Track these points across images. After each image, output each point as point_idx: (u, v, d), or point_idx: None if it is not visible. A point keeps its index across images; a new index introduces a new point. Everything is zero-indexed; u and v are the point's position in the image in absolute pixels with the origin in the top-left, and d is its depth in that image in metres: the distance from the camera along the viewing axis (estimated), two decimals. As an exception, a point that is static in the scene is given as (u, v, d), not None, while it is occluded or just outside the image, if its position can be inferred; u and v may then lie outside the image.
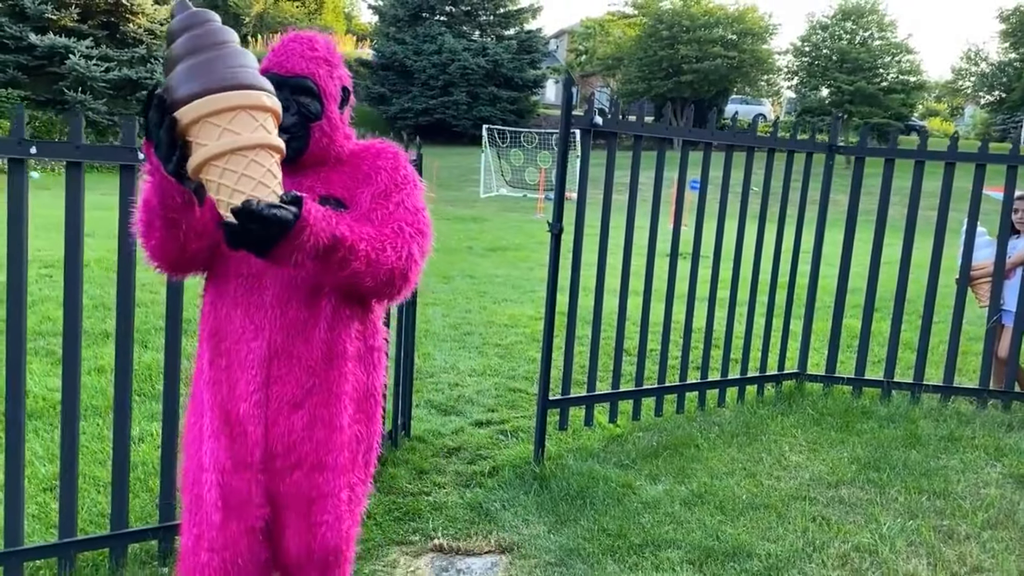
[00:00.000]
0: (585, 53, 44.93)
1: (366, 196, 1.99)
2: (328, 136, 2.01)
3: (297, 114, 1.96)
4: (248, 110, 1.61)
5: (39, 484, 3.72)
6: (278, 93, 1.82)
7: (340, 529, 2.06)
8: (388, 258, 1.86)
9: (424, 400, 5.21)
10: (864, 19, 36.12)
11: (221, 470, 1.99)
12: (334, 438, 2.01)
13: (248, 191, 1.61)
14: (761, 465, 4.21)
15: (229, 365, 1.98)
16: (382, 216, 1.95)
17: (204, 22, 1.67)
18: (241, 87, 1.60)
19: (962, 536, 3.48)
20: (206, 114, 1.58)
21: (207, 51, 1.62)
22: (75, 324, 2.93)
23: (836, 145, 5.25)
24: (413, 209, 1.99)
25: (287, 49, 2.01)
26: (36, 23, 22.84)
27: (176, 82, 1.61)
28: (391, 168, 2.03)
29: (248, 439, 1.98)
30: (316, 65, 2.00)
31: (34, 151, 2.77)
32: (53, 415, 4.50)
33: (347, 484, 2.06)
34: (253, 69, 1.66)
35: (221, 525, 1.99)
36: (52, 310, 6.32)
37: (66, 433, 2.96)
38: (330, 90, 2.01)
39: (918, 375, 5.32)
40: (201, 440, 2.03)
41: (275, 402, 1.97)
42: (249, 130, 1.61)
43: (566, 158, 4.16)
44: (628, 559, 3.25)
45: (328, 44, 2.06)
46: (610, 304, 4.72)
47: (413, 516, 3.61)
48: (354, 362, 2.04)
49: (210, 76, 1.59)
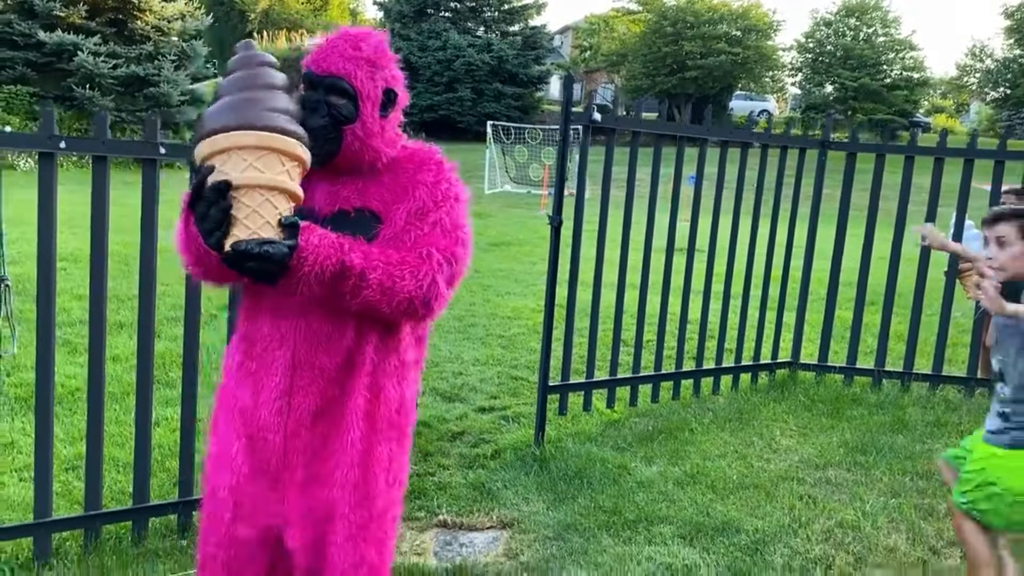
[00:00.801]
0: (590, 49, 44.96)
1: (402, 213, 1.91)
2: (361, 140, 1.91)
3: (327, 116, 1.87)
4: (278, 153, 1.67)
5: (61, 464, 3.90)
6: (311, 92, 1.88)
7: (353, 553, 1.96)
8: (406, 286, 1.80)
9: (429, 388, 5.39)
10: (868, 16, 36.17)
11: (237, 473, 1.97)
12: (345, 454, 1.95)
13: (254, 228, 1.66)
14: (752, 448, 4.38)
15: (257, 371, 1.96)
16: (415, 237, 1.88)
17: (259, 64, 1.76)
18: (277, 131, 1.67)
19: (941, 514, 3.64)
20: (237, 146, 1.64)
21: (254, 91, 1.70)
22: (100, 311, 3.11)
23: (828, 141, 5.41)
24: (451, 228, 1.92)
25: (329, 47, 1.92)
26: (45, 20, 22.99)
27: (217, 111, 1.69)
28: (431, 183, 1.95)
29: (267, 447, 1.96)
30: (355, 65, 1.89)
31: (63, 146, 2.94)
32: (71, 401, 4.68)
33: (361, 505, 1.96)
34: (289, 115, 1.73)
35: (229, 524, 1.98)
36: (67, 301, 6.50)
37: (93, 411, 3.14)
38: (368, 92, 1.91)
39: (908, 364, 5.48)
40: (222, 436, 2.02)
41: (296, 412, 1.94)
42: (273, 171, 1.66)
43: (566, 153, 4.33)
44: (622, 534, 3.43)
45: (377, 44, 1.96)
46: (608, 296, 4.88)
47: (419, 495, 3.79)
48: (380, 377, 1.96)
49: (250, 113, 1.66)
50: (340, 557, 1.95)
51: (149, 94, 23.86)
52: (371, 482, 1.96)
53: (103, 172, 3.05)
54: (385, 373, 1.97)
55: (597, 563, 3.18)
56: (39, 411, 3.05)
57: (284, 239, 1.67)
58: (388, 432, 1.99)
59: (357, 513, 1.95)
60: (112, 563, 3.06)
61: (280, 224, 1.67)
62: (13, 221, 7.42)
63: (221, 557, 1.99)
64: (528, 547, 3.33)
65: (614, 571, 3.12)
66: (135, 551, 3.17)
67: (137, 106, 23.36)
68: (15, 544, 3.12)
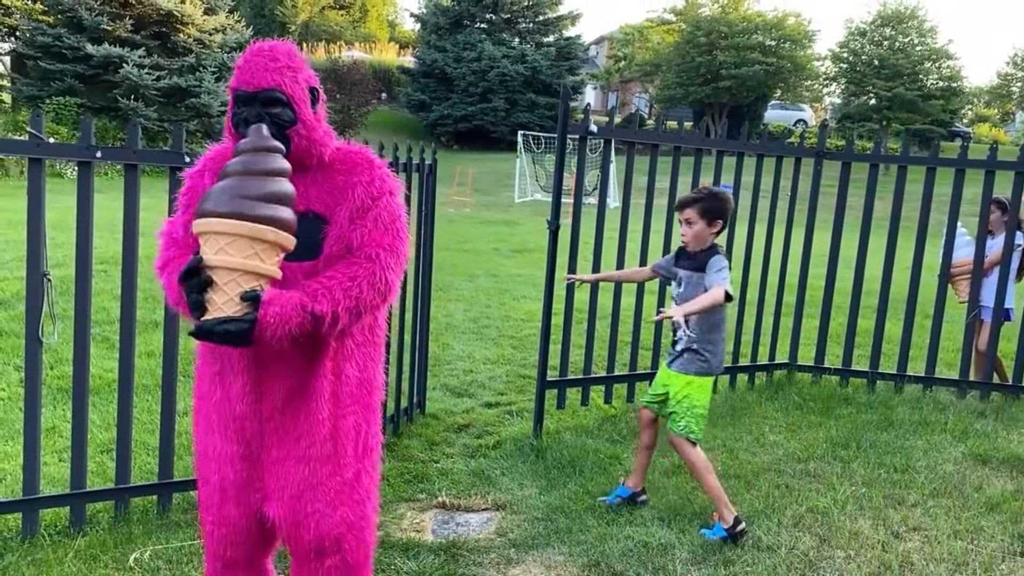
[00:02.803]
0: (624, 59, 45.17)
1: (344, 213, 2.14)
2: (307, 138, 2.15)
3: (272, 124, 2.10)
4: (247, 238, 1.89)
5: (97, 447, 4.26)
6: (250, 108, 2.11)
7: (333, 517, 2.21)
8: (366, 298, 2.07)
9: (440, 384, 5.70)
10: (903, 25, 35.91)
11: (220, 460, 2.24)
12: (315, 431, 2.19)
13: (220, 303, 1.93)
14: (740, 443, 4.61)
15: (223, 369, 2.20)
16: (360, 236, 2.13)
17: (264, 149, 1.96)
18: (249, 219, 1.88)
19: (910, 503, 3.85)
20: (213, 231, 1.90)
21: (249, 177, 1.91)
22: (130, 309, 3.46)
23: (823, 151, 5.62)
24: (389, 221, 2.16)
25: (251, 65, 2.12)
26: (92, 34, 23.87)
27: (214, 192, 1.92)
28: (366, 181, 2.17)
29: (245, 434, 2.21)
30: (279, 75, 2.11)
31: (99, 155, 3.30)
32: (108, 392, 5.05)
33: (336, 473, 2.22)
34: (282, 206, 1.92)
35: (220, 505, 2.26)
36: (107, 301, 6.91)
37: (123, 394, 3.49)
38: (298, 95, 2.14)
39: (901, 366, 5.66)
40: (205, 429, 2.27)
41: (269, 399, 2.18)
42: (242, 255, 1.90)
43: (563, 163, 4.61)
44: (606, 516, 3.68)
45: (288, 51, 2.17)
46: (606, 297, 5.15)
47: (422, 479, 4.09)
48: (340, 361, 2.20)
49: (232, 201, 1.88)
50: (322, 522, 2.21)
51: (191, 104, 24.62)
52: (341, 453, 2.23)
53: (134, 179, 3.40)
54: (344, 357, 2.22)
55: (579, 540, 3.44)
56: (76, 392, 3.40)
57: (247, 313, 1.93)
58: (352, 407, 2.25)
59: (332, 480, 2.22)
60: (139, 531, 3.39)
61: (243, 298, 1.93)
62: (60, 226, 7.89)
63: (217, 534, 2.28)
64: (518, 526, 3.60)
65: (594, 547, 3.38)
66: (159, 521, 3.50)
67: (179, 116, 24.10)
68: (54, 513, 3.48)
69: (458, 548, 3.37)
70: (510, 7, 38.68)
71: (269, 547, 2.40)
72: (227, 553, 2.30)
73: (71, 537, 3.32)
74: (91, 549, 3.20)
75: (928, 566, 3.27)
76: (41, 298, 3.24)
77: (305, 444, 2.19)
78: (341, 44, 43.94)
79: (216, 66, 25.47)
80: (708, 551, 3.36)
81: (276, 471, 2.21)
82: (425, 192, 4.73)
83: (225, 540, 2.28)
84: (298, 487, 2.20)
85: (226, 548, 2.29)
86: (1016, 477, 4.23)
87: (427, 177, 4.72)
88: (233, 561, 2.32)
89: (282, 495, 2.21)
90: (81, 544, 3.24)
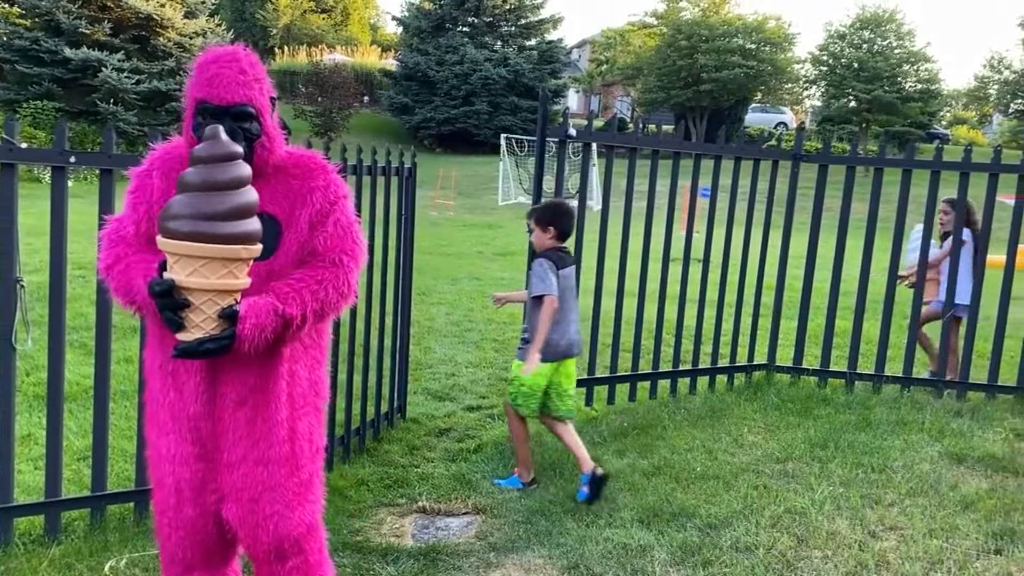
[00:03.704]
0: (606, 63, 45.32)
1: (304, 217, 2.18)
2: (268, 148, 2.18)
3: (244, 140, 2.12)
4: (222, 260, 1.89)
5: (73, 455, 4.23)
6: (219, 120, 2.09)
7: (292, 518, 2.23)
8: (332, 300, 2.13)
9: (421, 388, 5.69)
10: (882, 28, 36.23)
11: (174, 461, 2.22)
12: (274, 432, 2.20)
13: (198, 321, 1.94)
14: (719, 443, 4.63)
15: (175, 370, 2.18)
16: (323, 241, 2.17)
17: (223, 158, 1.90)
18: (224, 240, 1.86)
19: (887, 502, 3.88)
20: (184, 255, 1.88)
21: (211, 194, 1.87)
22: (105, 315, 3.44)
23: (800, 154, 5.67)
24: (347, 225, 2.21)
25: (220, 78, 2.10)
26: (70, 37, 23.69)
27: (176, 209, 1.87)
28: (323, 186, 2.21)
29: (197, 435, 2.20)
30: (250, 89, 2.12)
31: (73, 160, 3.27)
32: (85, 399, 5.00)
33: (294, 475, 2.24)
34: (247, 218, 1.91)
35: (176, 507, 2.24)
36: (84, 307, 6.86)
37: (99, 401, 3.46)
38: (264, 107, 2.16)
39: (879, 367, 5.71)
40: (158, 432, 2.25)
41: (223, 400, 2.18)
42: (216, 275, 1.90)
43: (543, 166, 4.62)
44: (586, 518, 3.69)
45: (252, 61, 2.17)
46: (585, 301, 5.16)
47: (402, 484, 4.08)
48: (294, 363, 2.23)
49: (203, 224, 1.85)
50: (281, 524, 2.23)
51: (171, 108, 24.47)
52: (299, 454, 2.26)
53: (109, 184, 3.38)
54: (296, 359, 2.24)
55: (559, 543, 3.45)
56: (51, 398, 3.37)
57: (225, 330, 1.96)
58: (305, 408, 2.28)
59: (290, 482, 2.24)
60: (115, 539, 3.37)
61: (221, 316, 1.95)
62: (37, 231, 7.81)
63: (176, 537, 2.27)
64: (498, 530, 3.61)
65: (573, 550, 3.38)
66: (136, 529, 3.47)
67: (159, 120, 23.96)
68: (29, 521, 3.44)
69: (438, 552, 3.37)
70: (492, 11, 38.72)
71: (229, 552, 2.39)
72: (187, 555, 2.29)
73: (46, 546, 3.29)
74: (66, 558, 3.18)
75: (904, 565, 3.29)
76: (14, 304, 3.21)
77: (264, 446, 2.20)
78: (323, 47, 43.79)
79: (196, 70, 25.29)
80: (687, 552, 3.38)
81: (233, 473, 2.21)
82: (405, 196, 4.73)
83: (184, 542, 2.27)
84: (256, 489, 2.21)
85: (185, 550, 2.28)
86: (991, 476, 4.27)
87: (406, 181, 4.72)
88: (192, 563, 2.31)
89: (240, 497, 2.22)
90: (56, 553, 3.22)
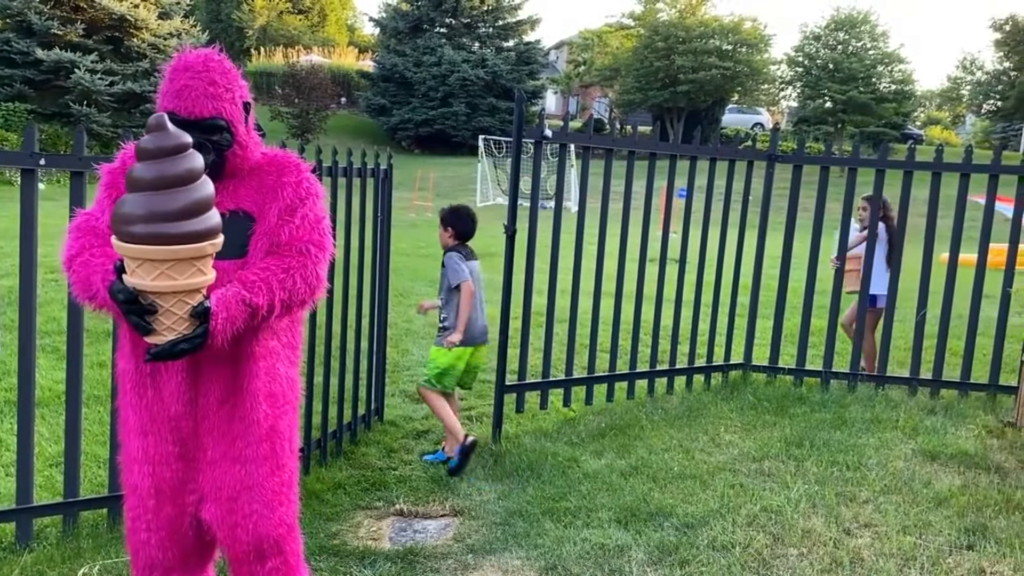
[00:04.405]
0: (584, 64, 45.43)
1: (273, 211, 2.17)
2: (240, 156, 2.18)
3: (212, 151, 2.10)
4: (188, 260, 1.80)
5: (46, 461, 4.17)
6: (189, 131, 1.96)
7: (272, 518, 2.22)
8: (299, 290, 2.10)
9: (399, 390, 5.67)
10: (856, 29, 36.59)
11: (152, 462, 2.18)
12: (252, 431, 2.19)
13: (169, 323, 1.88)
14: (696, 443, 4.65)
15: (154, 370, 2.15)
16: (288, 232, 2.15)
17: (173, 151, 1.78)
18: (187, 239, 1.77)
19: (861, 500, 3.92)
20: (147, 259, 1.78)
21: (165, 192, 1.75)
22: (77, 319, 3.40)
23: (775, 154, 5.71)
24: (315, 221, 2.19)
25: (189, 91, 2.07)
26: (42, 38, 23.43)
27: (129, 211, 1.76)
28: (295, 183, 2.21)
29: (178, 435, 2.18)
30: (220, 101, 2.09)
31: (43, 163, 3.23)
32: (58, 404, 4.94)
33: (274, 474, 2.22)
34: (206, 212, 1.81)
35: (155, 509, 2.20)
36: (57, 311, 6.77)
37: (71, 406, 3.42)
38: (236, 117, 2.14)
39: (854, 365, 5.76)
40: (132, 435, 2.22)
41: (203, 399, 2.16)
42: (183, 276, 1.82)
43: (519, 167, 4.62)
44: (564, 519, 3.70)
45: (223, 70, 2.13)
46: (563, 301, 5.17)
47: (379, 487, 4.06)
48: (273, 360, 2.22)
49: (160, 226, 1.74)
50: (260, 524, 2.21)
51: (145, 110, 24.25)
52: (279, 453, 2.25)
53: (80, 186, 3.34)
54: (275, 356, 2.24)
55: (536, 544, 3.44)
56: (21, 403, 3.33)
57: (197, 328, 1.92)
58: (284, 407, 2.27)
59: (271, 481, 2.22)
60: (88, 545, 3.32)
61: (192, 315, 1.90)
62: (8, 235, 7.72)
63: (155, 539, 2.23)
64: (476, 532, 3.60)
65: (551, 551, 3.38)
66: (110, 535, 3.43)
67: (134, 122, 23.73)
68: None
69: (415, 555, 3.36)
70: (469, 12, 38.72)
71: (206, 555, 2.36)
72: (166, 556, 2.25)
73: (17, 553, 3.25)
74: (38, 565, 3.13)
75: (878, 561, 3.32)
76: (-17, 309, 3.16)
77: (241, 444, 2.19)
78: (299, 48, 43.57)
79: (171, 71, 25.10)
80: (664, 552, 3.39)
81: (211, 472, 2.20)
82: (381, 197, 4.71)
83: (164, 543, 2.23)
84: (234, 488, 2.19)
85: (165, 551, 2.25)
86: (963, 472, 4.32)
87: (382, 182, 4.70)
88: (171, 565, 2.28)
89: (219, 496, 2.20)
90: (28, 560, 3.17)
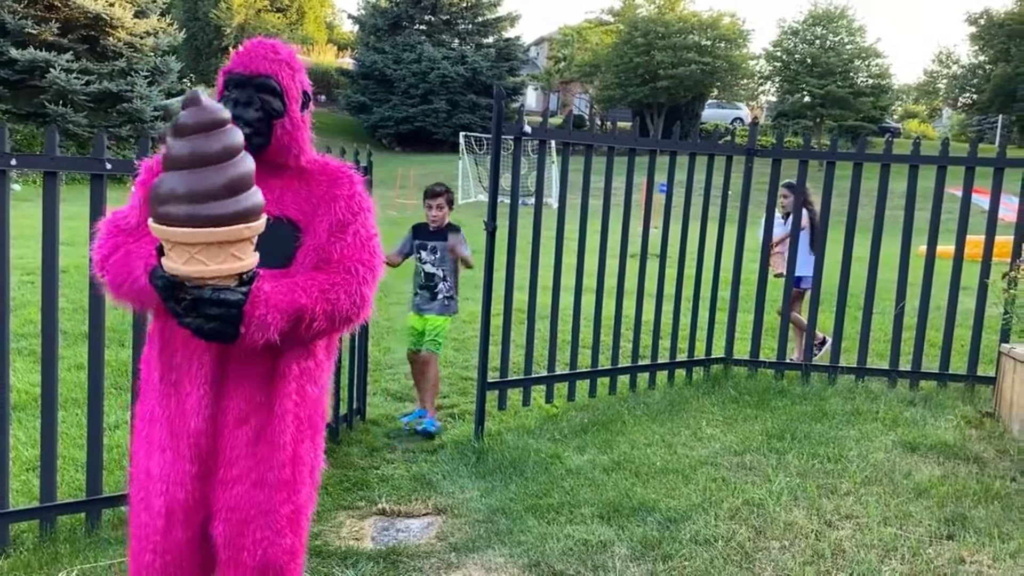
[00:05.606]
0: (564, 60, 45.43)
1: (324, 225, 2.09)
2: (290, 134, 2.11)
3: (260, 110, 2.06)
4: (220, 244, 1.71)
5: (23, 465, 4.12)
6: (242, 91, 2.05)
7: (281, 545, 2.11)
8: (343, 306, 1.99)
9: (381, 389, 5.65)
10: (834, 24, 36.83)
11: (167, 480, 2.07)
12: (276, 455, 2.08)
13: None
14: (678, 437, 4.66)
15: (179, 380, 2.06)
16: (340, 250, 2.07)
17: (210, 126, 1.70)
18: (224, 221, 1.68)
19: (842, 492, 3.94)
20: (179, 242, 1.70)
21: (205, 171, 1.67)
22: (52, 321, 3.36)
23: (754, 149, 5.73)
24: (366, 238, 2.11)
25: (252, 51, 2.11)
26: (16, 38, 23.13)
27: (167, 189, 1.68)
28: (347, 196, 2.13)
29: (197, 452, 2.07)
30: (279, 67, 2.10)
31: (14, 163, 3.18)
32: (35, 407, 4.88)
33: (289, 500, 2.12)
34: (246, 190, 1.72)
35: (164, 531, 2.08)
36: (34, 313, 6.68)
37: (46, 409, 3.38)
38: (292, 91, 2.12)
39: (834, 358, 5.80)
40: (149, 449, 2.11)
41: (225, 416, 2.07)
42: (216, 261, 1.73)
43: (499, 164, 4.61)
44: (547, 515, 3.69)
45: (291, 52, 2.16)
46: (545, 297, 5.16)
47: (361, 486, 4.04)
48: (304, 381, 2.12)
49: (195, 206, 1.66)
50: (270, 550, 2.10)
51: (122, 110, 24.04)
52: (298, 478, 2.14)
53: (53, 187, 3.30)
54: (307, 376, 2.14)
55: (520, 541, 3.44)
56: (-5, 409, 3.28)
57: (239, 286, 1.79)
58: (308, 431, 2.17)
59: (285, 507, 2.12)
60: (65, 550, 3.28)
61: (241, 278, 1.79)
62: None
63: (160, 563, 2.10)
64: (459, 530, 3.59)
65: (534, 548, 3.38)
66: (88, 539, 3.39)
67: (111, 122, 23.50)
68: (-26, 535, 3.35)
69: (398, 555, 3.34)
70: (449, 8, 38.63)
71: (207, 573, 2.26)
72: None
73: (-7, 560, 3.20)
74: (14, 571, 3.09)
75: (859, 553, 3.34)
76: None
77: (264, 468, 2.09)
78: (278, 47, 43.20)
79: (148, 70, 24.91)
80: (647, 547, 3.39)
81: (227, 492, 2.09)
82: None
83: (169, 568, 2.11)
84: (248, 512, 2.09)
85: None
86: (943, 463, 4.36)
87: (361, 180, 4.68)
88: None
89: (230, 518, 2.10)
90: (4, 566, 3.13)
